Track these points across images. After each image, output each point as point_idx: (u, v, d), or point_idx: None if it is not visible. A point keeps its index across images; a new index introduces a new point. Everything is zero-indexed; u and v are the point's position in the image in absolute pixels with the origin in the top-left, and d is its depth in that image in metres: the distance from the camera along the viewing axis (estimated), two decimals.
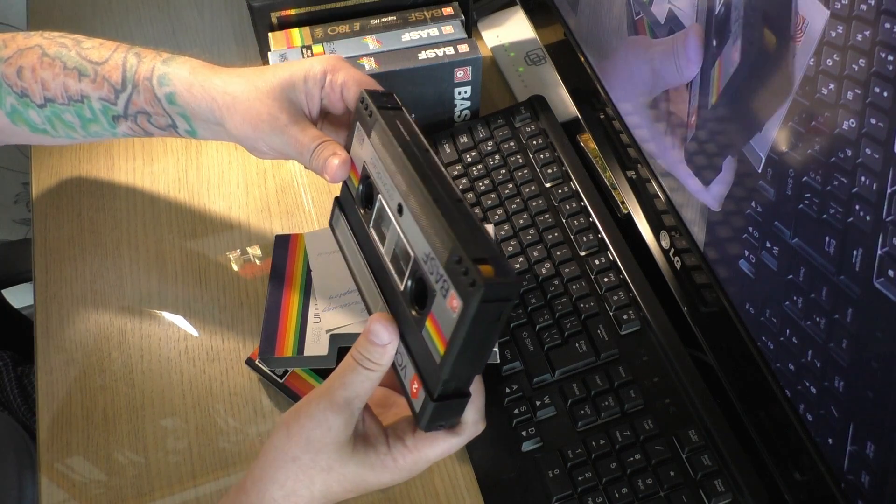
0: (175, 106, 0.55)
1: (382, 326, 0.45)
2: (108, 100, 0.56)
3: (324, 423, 0.44)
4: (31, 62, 0.56)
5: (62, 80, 0.55)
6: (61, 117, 0.57)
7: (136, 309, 0.69)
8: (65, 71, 0.55)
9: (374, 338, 0.45)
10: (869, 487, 0.43)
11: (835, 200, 0.41)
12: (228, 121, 0.54)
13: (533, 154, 0.72)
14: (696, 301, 0.58)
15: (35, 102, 0.56)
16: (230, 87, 0.54)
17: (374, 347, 0.45)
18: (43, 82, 0.56)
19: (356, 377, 0.45)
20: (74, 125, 0.58)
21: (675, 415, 0.58)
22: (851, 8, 0.38)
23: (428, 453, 0.46)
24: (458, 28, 0.73)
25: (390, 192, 0.48)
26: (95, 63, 0.55)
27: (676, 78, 0.55)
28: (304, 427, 0.45)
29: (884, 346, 0.39)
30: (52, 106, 0.56)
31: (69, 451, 0.62)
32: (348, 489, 0.47)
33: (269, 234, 0.73)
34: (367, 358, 0.45)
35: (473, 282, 0.39)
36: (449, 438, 0.46)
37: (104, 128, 0.57)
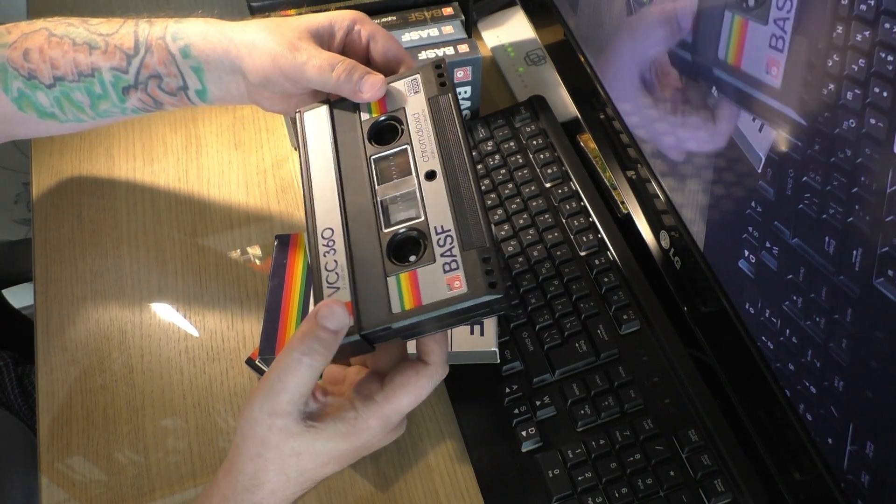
0: (189, 59, 0.55)
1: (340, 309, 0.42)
2: (119, 68, 0.56)
3: (273, 427, 0.43)
4: (39, 43, 0.56)
5: (72, 56, 0.56)
6: (70, 97, 0.57)
7: (136, 309, 0.69)
8: (74, 47, 0.56)
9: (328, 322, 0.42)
10: (869, 487, 0.43)
11: (835, 200, 0.41)
12: (247, 59, 0.53)
13: (533, 154, 0.72)
14: (696, 301, 0.58)
15: (44, 83, 0.56)
16: (248, 30, 0.54)
17: (326, 334, 0.42)
18: (52, 61, 0.56)
19: (297, 378, 0.42)
20: (83, 105, 0.57)
21: (675, 415, 0.58)
22: (851, 8, 0.38)
23: (400, 402, 0.45)
24: (458, 28, 0.73)
25: (427, 154, 0.50)
26: (105, 35, 0.56)
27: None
28: (254, 431, 0.43)
29: (884, 346, 0.39)
30: (61, 85, 0.56)
31: (69, 451, 0.62)
32: (324, 462, 0.45)
33: (269, 234, 0.73)
34: (314, 350, 0.42)
35: (494, 283, 0.43)
36: (418, 382, 0.45)
37: (113, 104, 0.57)
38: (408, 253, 0.47)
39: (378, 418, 0.45)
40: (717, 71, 0.50)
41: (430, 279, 0.44)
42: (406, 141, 0.51)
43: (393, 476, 0.59)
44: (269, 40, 0.52)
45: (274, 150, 0.79)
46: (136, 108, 0.58)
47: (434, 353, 0.46)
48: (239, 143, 0.80)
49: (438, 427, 0.61)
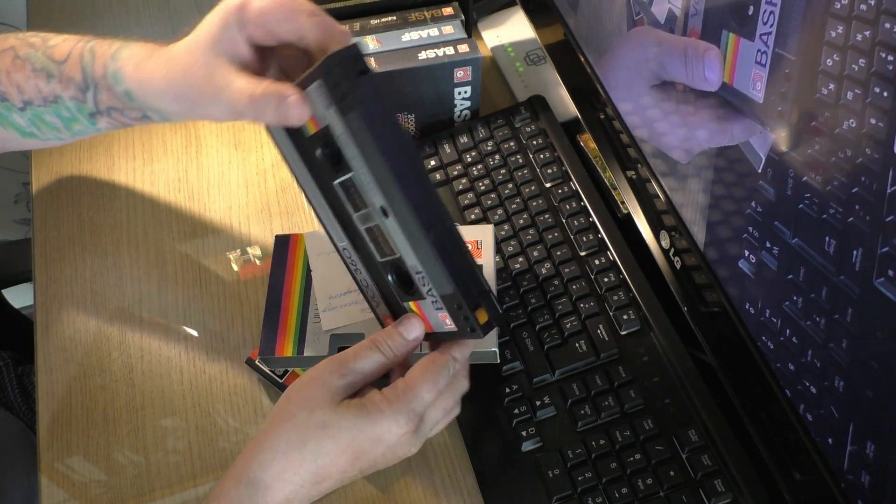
0: (135, 101, 0.53)
1: (417, 323, 0.49)
2: (77, 98, 0.54)
3: (325, 384, 0.47)
4: (6, 65, 0.55)
5: (34, 82, 0.55)
6: (42, 119, 0.56)
7: (136, 309, 0.69)
8: (34, 73, 0.55)
9: (405, 332, 0.49)
10: (869, 487, 0.43)
11: (835, 200, 0.41)
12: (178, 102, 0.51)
13: (533, 154, 0.72)
14: (696, 301, 0.58)
15: (16, 106, 0.56)
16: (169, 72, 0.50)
17: (400, 339, 0.49)
18: (18, 85, 0.55)
19: (371, 354, 0.48)
20: (57, 126, 0.57)
21: (675, 415, 0.58)
22: (851, 8, 0.38)
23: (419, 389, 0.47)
24: (458, 28, 0.73)
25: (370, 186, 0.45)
26: (59, 62, 0.54)
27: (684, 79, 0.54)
28: (305, 386, 0.48)
29: (884, 346, 0.39)
30: (31, 108, 0.56)
31: (69, 451, 0.62)
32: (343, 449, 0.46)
33: (269, 234, 0.73)
34: (387, 344, 0.49)
35: (473, 328, 0.46)
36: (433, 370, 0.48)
37: (86, 126, 0.57)
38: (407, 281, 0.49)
39: (402, 402, 0.47)
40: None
41: (429, 312, 0.49)
42: (347, 168, 0.46)
43: (393, 476, 0.59)
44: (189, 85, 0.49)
45: (274, 150, 0.79)
46: (109, 128, 0.58)
47: (451, 347, 0.50)
48: (239, 143, 0.80)
49: None
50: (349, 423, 0.46)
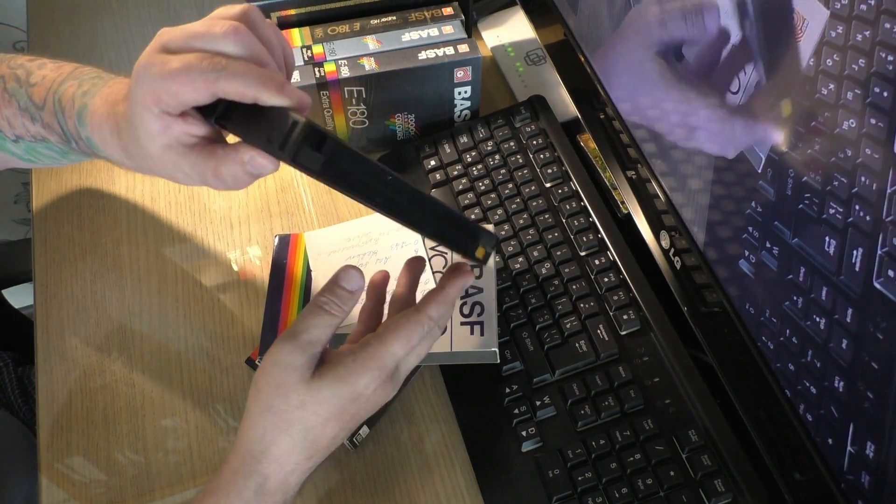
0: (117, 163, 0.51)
1: (356, 273, 0.48)
2: (62, 143, 0.53)
3: (288, 365, 0.46)
4: None
5: (21, 120, 0.54)
6: (36, 150, 0.56)
7: (135, 309, 0.69)
8: (20, 111, 0.54)
9: (345, 283, 0.47)
10: (869, 487, 0.43)
11: (835, 200, 0.41)
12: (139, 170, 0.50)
13: (533, 154, 0.72)
14: (696, 301, 0.58)
15: (9, 137, 0.55)
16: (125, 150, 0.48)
17: (342, 292, 0.47)
18: (8, 120, 0.54)
19: (318, 320, 0.47)
20: (52, 156, 0.56)
21: (675, 415, 0.58)
22: (851, 8, 0.38)
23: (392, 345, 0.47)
24: (458, 28, 0.73)
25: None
26: (38, 107, 0.53)
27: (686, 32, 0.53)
28: (270, 375, 0.46)
29: (884, 346, 0.39)
30: (23, 142, 0.55)
31: (69, 451, 0.62)
32: (327, 416, 0.47)
33: (269, 234, 0.73)
34: (333, 302, 0.47)
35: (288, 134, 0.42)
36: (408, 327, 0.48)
37: (79, 157, 0.56)
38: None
39: (374, 360, 0.47)
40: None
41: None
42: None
43: (393, 476, 0.59)
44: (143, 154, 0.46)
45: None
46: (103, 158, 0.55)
47: (429, 305, 0.49)
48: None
49: (438, 427, 0.61)
50: (328, 394, 0.46)
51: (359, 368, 0.47)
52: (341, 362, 0.47)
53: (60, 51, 0.89)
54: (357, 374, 0.47)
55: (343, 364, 0.47)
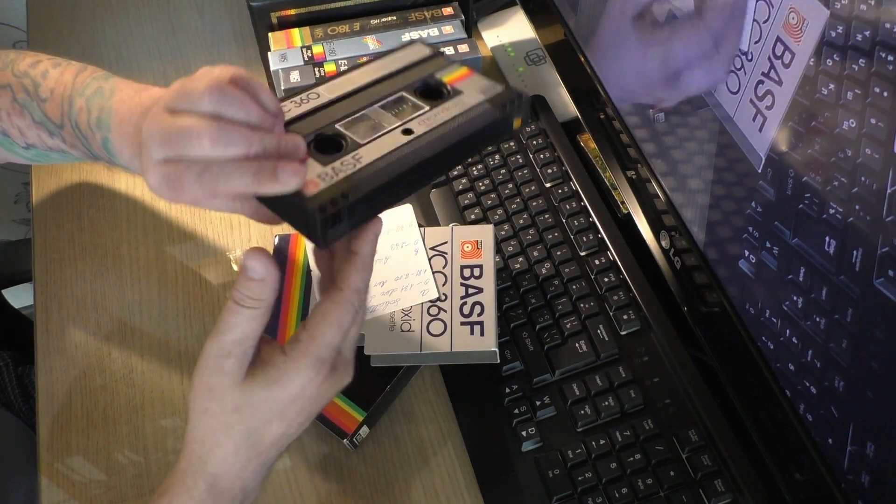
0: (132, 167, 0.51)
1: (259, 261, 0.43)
2: (83, 152, 0.53)
3: (217, 369, 0.44)
4: (6, 106, 0.54)
5: (36, 132, 0.54)
6: (49, 157, 0.56)
7: (136, 309, 0.69)
8: (35, 124, 0.53)
9: (252, 273, 0.43)
10: (869, 487, 0.43)
11: (835, 200, 0.41)
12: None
13: (533, 154, 0.72)
14: (696, 301, 0.58)
15: (19, 144, 0.55)
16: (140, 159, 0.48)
17: (253, 283, 0.43)
18: (21, 130, 0.54)
19: (239, 318, 0.43)
20: (65, 159, 0.56)
21: (675, 415, 0.58)
22: (851, 8, 0.38)
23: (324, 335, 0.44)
24: (458, 28, 0.73)
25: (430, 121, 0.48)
26: (57, 125, 0.53)
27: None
28: (202, 377, 0.44)
29: (884, 346, 0.39)
30: (34, 150, 0.55)
31: (69, 451, 0.62)
32: (268, 418, 0.45)
33: (269, 235, 0.73)
34: (247, 296, 0.43)
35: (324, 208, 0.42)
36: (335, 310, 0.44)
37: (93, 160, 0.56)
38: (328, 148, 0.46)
39: (306, 356, 0.44)
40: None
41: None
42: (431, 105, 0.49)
43: (393, 476, 0.59)
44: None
45: None
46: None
47: (349, 279, 0.45)
48: None
49: (438, 427, 0.61)
50: (261, 398, 0.44)
51: (291, 368, 0.44)
52: (272, 362, 0.44)
53: (60, 51, 0.89)
54: (289, 375, 0.44)
55: (274, 364, 0.44)
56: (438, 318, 0.59)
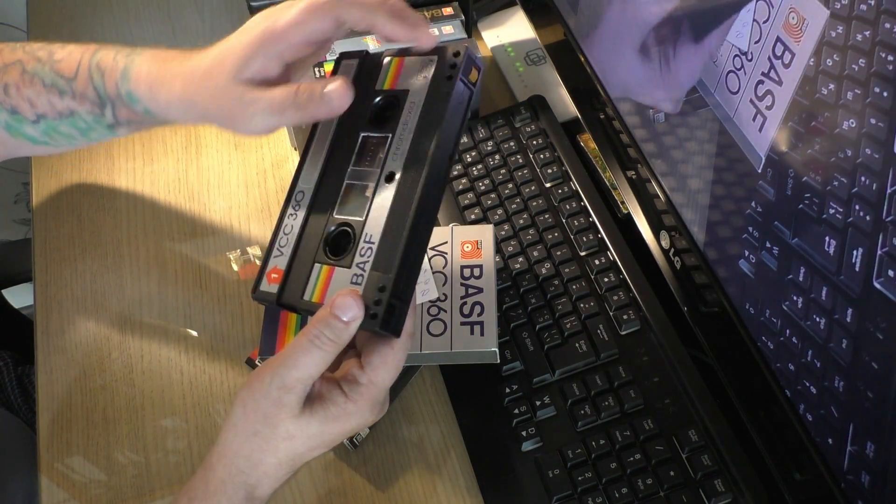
0: (155, 117, 0.52)
1: (353, 301, 0.44)
2: (95, 113, 0.54)
3: (277, 401, 0.45)
4: (15, 79, 0.55)
5: (46, 97, 0.54)
6: (58, 129, 0.56)
7: (136, 309, 0.69)
8: (45, 88, 0.54)
9: (341, 312, 0.44)
10: (869, 487, 0.43)
11: (835, 200, 0.41)
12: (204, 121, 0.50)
13: (533, 154, 0.72)
14: (696, 301, 0.58)
15: (28, 119, 0.55)
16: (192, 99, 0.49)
17: (338, 323, 0.44)
18: (30, 100, 0.54)
19: (309, 359, 0.44)
20: (73, 135, 0.56)
21: (675, 415, 0.58)
22: (851, 8, 0.38)
23: (382, 379, 0.46)
24: (458, 28, 0.73)
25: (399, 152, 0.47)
26: (69, 79, 0.53)
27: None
28: (259, 404, 0.45)
29: (884, 346, 0.39)
30: (44, 121, 0.55)
31: (69, 451, 0.62)
32: (314, 446, 0.47)
33: (269, 235, 0.73)
34: (326, 336, 0.44)
35: (375, 315, 0.44)
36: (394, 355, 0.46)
37: (103, 133, 0.56)
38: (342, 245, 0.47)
39: (366, 399, 0.46)
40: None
41: (338, 283, 0.46)
42: (392, 129, 0.48)
43: (393, 476, 0.59)
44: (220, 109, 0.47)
45: (274, 150, 0.79)
46: (127, 133, 0.56)
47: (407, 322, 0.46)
48: (239, 143, 0.80)
49: (438, 427, 0.61)
50: (316, 431, 0.46)
51: (351, 410, 0.46)
52: (333, 401, 0.46)
53: None
54: (349, 416, 0.46)
55: (334, 403, 0.46)
56: (438, 318, 0.59)
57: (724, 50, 0.49)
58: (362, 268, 0.46)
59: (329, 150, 0.51)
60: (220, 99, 0.47)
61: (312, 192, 0.50)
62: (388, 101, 0.49)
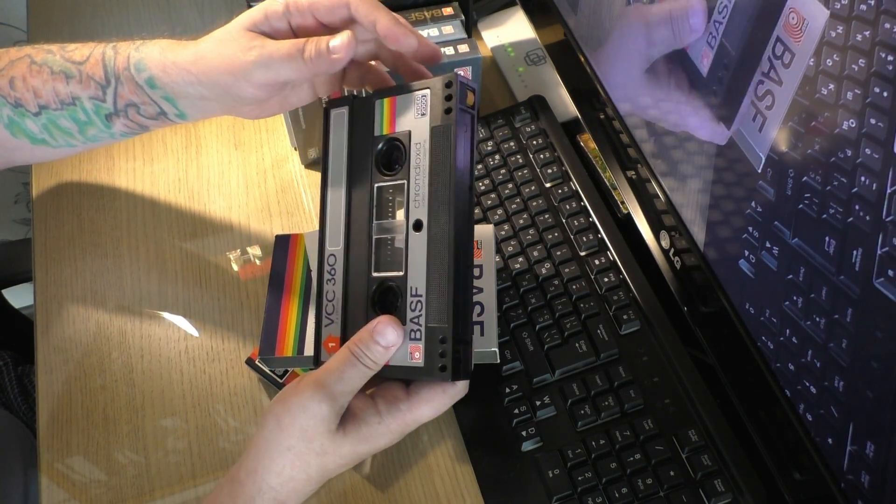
0: (157, 90, 0.53)
1: (393, 328, 0.46)
2: (97, 98, 0.55)
3: (317, 414, 0.46)
4: (22, 72, 0.56)
5: (51, 85, 0.55)
6: (57, 124, 0.57)
7: (136, 309, 0.69)
8: (52, 76, 0.55)
9: (381, 338, 0.46)
10: (869, 487, 0.43)
11: (835, 200, 0.41)
12: (206, 81, 0.51)
13: (533, 154, 0.72)
14: (696, 301, 0.58)
15: (30, 111, 0.56)
16: (198, 51, 0.52)
17: (377, 347, 0.46)
18: (34, 90, 0.56)
19: (354, 372, 0.47)
20: (72, 131, 0.57)
21: (675, 415, 0.58)
22: (851, 8, 0.38)
23: (423, 413, 0.48)
24: (458, 28, 0.73)
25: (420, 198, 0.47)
26: (78, 63, 0.55)
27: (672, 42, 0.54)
28: (295, 417, 0.47)
29: (884, 346, 0.39)
30: (46, 113, 0.56)
31: (69, 451, 0.62)
32: (344, 464, 0.49)
33: (269, 234, 0.73)
34: (366, 355, 0.46)
35: (444, 367, 0.45)
36: (442, 399, 0.48)
37: (100, 129, 0.57)
38: (390, 302, 0.48)
39: (398, 425, 0.48)
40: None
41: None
42: (405, 175, 0.48)
43: (393, 476, 0.59)
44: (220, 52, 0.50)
45: (274, 150, 0.79)
46: (123, 133, 0.58)
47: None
48: (239, 143, 0.80)
49: (438, 427, 0.61)
50: (349, 450, 0.48)
51: (383, 432, 0.48)
52: (367, 421, 0.48)
53: None
54: (379, 438, 0.48)
55: (369, 424, 0.48)
56: None
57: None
58: (417, 322, 0.47)
59: (347, 208, 0.51)
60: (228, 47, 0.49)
61: (343, 254, 0.50)
62: (393, 145, 0.49)
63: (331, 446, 0.47)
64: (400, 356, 0.47)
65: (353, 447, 0.48)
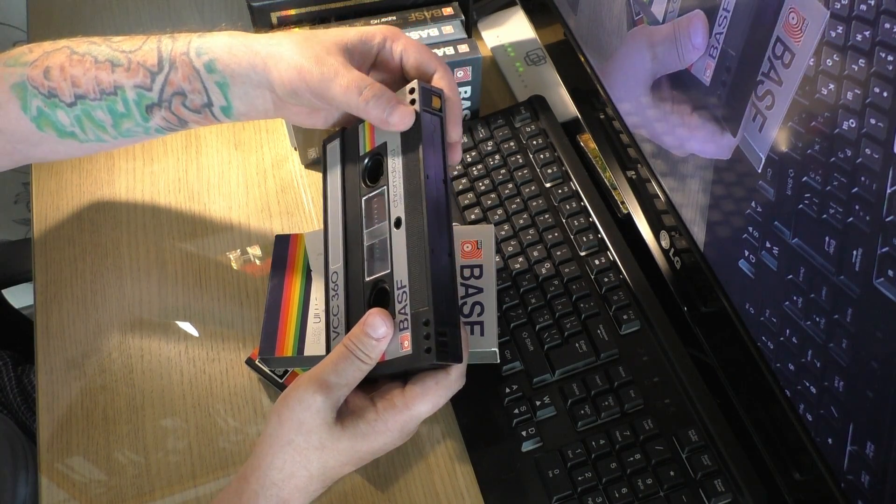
0: (214, 74, 0.53)
1: (381, 320, 0.48)
2: (143, 86, 0.54)
3: (312, 406, 0.47)
4: (60, 61, 0.55)
5: (94, 73, 0.54)
6: (92, 116, 0.56)
7: (136, 309, 0.69)
8: (96, 65, 0.55)
9: (371, 331, 0.48)
10: (869, 487, 0.43)
11: (835, 200, 0.41)
12: (273, 72, 0.52)
13: (533, 154, 0.72)
14: (696, 301, 0.58)
15: (64, 101, 0.55)
16: (274, 42, 0.52)
17: (369, 340, 0.48)
18: (73, 79, 0.55)
19: (348, 364, 0.48)
20: (105, 124, 0.56)
21: (675, 415, 0.58)
22: (851, 8, 0.38)
23: (419, 409, 0.49)
24: (458, 28, 0.73)
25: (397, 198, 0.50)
26: (128, 52, 0.55)
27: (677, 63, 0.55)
28: (293, 411, 0.48)
29: (884, 346, 0.39)
30: (82, 103, 0.55)
31: (69, 451, 0.62)
32: (345, 462, 0.49)
33: (269, 234, 0.73)
34: (359, 349, 0.48)
35: (429, 349, 0.46)
36: (437, 392, 0.49)
37: (137, 122, 0.56)
38: (384, 301, 0.50)
39: (397, 422, 0.48)
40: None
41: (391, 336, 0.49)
42: (384, 182, 0.52)
43: (393, 476, 0.59)
44: (295, 53, 0.51)
45: (274, 150, 0.79)
46: (159, 128, 0.57)
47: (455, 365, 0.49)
48: (239, 143, 0.80)
49: (438, 427, 0.61)
50: (346, 445, 0.48)
51: (380, 429, 0.48)
52: (364, 418, 0.48)
53: None
54: (377, 435, 0.48)
55: (366, 421, 0.48)
56: None
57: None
58: (404, 312, 0.48)
59: (343, 227, 0.54)
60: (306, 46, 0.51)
61: (343, 269, 0.53)
62: (374, 159, 0.53)
63: (329, 440, 0.48)
64: (393, 349, 0.48)
65: (350, 442, 0.48)
